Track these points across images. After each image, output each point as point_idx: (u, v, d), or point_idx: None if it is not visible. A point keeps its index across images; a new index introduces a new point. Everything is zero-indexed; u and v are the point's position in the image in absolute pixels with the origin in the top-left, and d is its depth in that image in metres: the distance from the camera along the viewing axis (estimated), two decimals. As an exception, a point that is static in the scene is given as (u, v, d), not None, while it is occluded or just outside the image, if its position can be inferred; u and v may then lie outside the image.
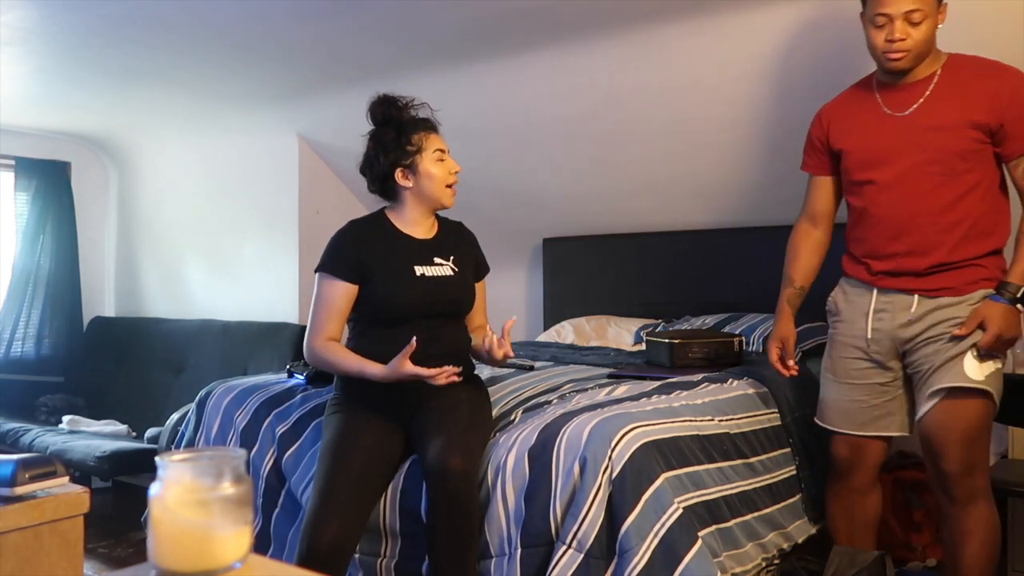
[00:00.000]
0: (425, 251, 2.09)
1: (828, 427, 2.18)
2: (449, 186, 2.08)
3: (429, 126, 2.10)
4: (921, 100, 1.96)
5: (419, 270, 2.05)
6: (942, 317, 1.97)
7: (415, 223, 2.11)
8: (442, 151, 2.08)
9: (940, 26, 1.95)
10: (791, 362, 2.24)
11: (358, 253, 2.03)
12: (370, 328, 2.06)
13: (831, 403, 2.17)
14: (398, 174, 2.05)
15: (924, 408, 2.00)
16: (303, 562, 1.81)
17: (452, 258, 2.11)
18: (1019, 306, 1.90)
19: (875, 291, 2.05)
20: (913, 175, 1.96)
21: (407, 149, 2.04)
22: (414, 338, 1.86)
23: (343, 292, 2.02)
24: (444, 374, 1.87)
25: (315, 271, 2.07)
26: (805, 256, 2.25)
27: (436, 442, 1.85)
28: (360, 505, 1.89)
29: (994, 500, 2.06)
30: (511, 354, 2.00)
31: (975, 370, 1.93)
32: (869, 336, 2.06)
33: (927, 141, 1.94)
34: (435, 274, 2.06)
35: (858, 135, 2.08)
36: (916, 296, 1.99)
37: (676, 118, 3.13)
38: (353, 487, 1.88)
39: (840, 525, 2.21)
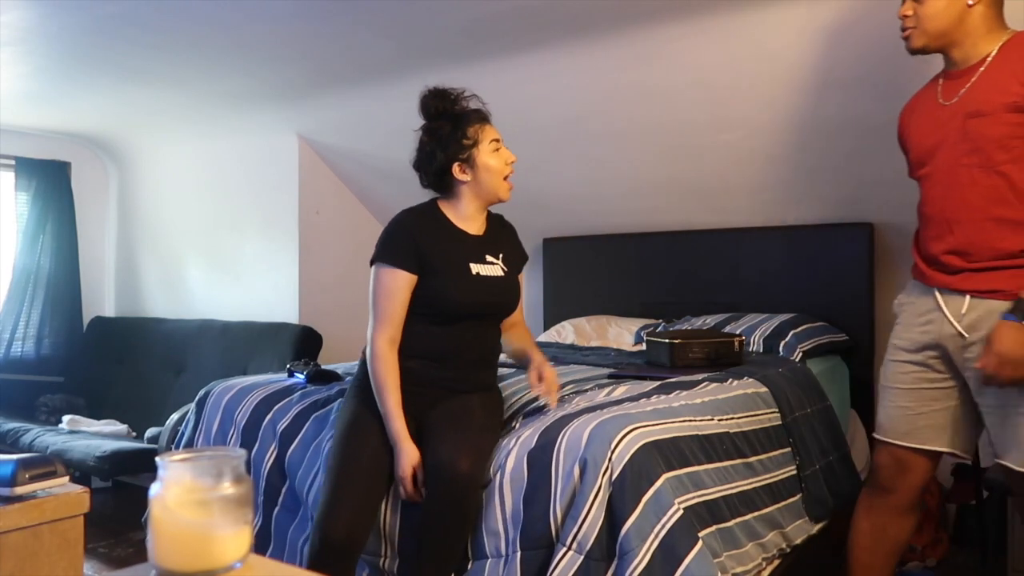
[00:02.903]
0: (479, 248, 2.06)
1: (876, 436, 2.04)
2: (506, 178, 2.05)
3: (483, 117, 2.06)
4: (968, 85, 1.82)
5: (475, 268, 2.02)
6: (991, 327, 1.78)
7: (470, 218, 2.07)
8: (497, 141, 2.04)
9: (975, 4, 1.79)
10: None
11: (417, 244, 1.98)
12: (416, 322, 2.00)
13: (880, 410, 2.04)
14: (455, 168, 2.01)
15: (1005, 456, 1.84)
16: (316, 554, 1.82)
17: (501, 256, 2.09)
18: None
19: (934, 291, 1.90)
20: (955, 168, 1.82)
21: (463, 143, 2.00)
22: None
23: (405, 282, 1.97)
24: (411, 496, 1.90)
25: (372, 262, 2.01)
26: None
27: (447, 441, 1.86)
28: (370, 494, 1.90)
29: None
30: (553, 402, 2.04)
31: None
32: (919, 339, 1.92)
33: (966, 130, 1.80)
34: (489, 274, 2.04)
35: (915, 129, 1.95)
36: (967, 297, 1.83)
37: (676, 118, 3.12)
38: (363, 476, 1.89)
39: (864, 542, 2.05)
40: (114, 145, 4.87)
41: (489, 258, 2.06)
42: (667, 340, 2.75)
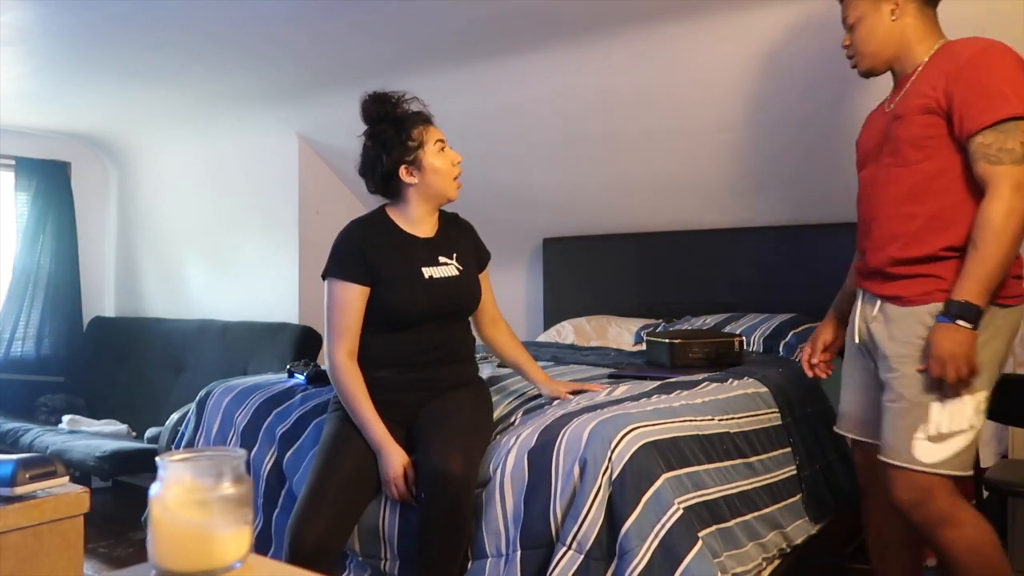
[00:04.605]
0: (430, 250, 2.05)
1: (834, 428, 2.15)
2: (455, 178, 2.05)
3: (425, 119, 2.06)
4: (902, 92, 1.89)
5: (427, 272, 2.01)
6: (891, 333, 1.85)
7: (419, 221, 2.06)
8: (442, 141, 2.04)
9: (896, 17, 1.86)
10: (815, 360, 2.15)
11: (365, 256, 1.98)
12: (375, 332, 2.01)
13: (840, 404, 2.13)
14: (402, 171, 2.01)
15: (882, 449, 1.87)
16: (287, 561, 1.80)
17: (455, 255, 2.08)
18: (960, 323, 1.69)
19: (859, 294, 2.00)
20: (879, 170, 1.91)
21: (409, 145, 1.99)
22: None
23: (358, 295, 1.97)
24: (404, 497, 1.89)
25: (323, 277, 2.01)
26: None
27: (436, 444, 1.85)
28: (348, 505, 1.87)
29: (971, 516, 1.80)
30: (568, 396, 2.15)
31: (926, 452, 1.75)
32: (855, 339, 2.00)
33: (888, 132, 1.89)
34: (442, 275, 2.03)
35: (862, 135, 2.06)
36: (879, 301, 1.90)
37: (675, 118, 3.13)
38: (342, 487, 1.87)
39: (870, 543, 2.12)
40: (114, 145, 4.87)
41: (442, 259, 2.05)
42: (667, 340, 2.75)
